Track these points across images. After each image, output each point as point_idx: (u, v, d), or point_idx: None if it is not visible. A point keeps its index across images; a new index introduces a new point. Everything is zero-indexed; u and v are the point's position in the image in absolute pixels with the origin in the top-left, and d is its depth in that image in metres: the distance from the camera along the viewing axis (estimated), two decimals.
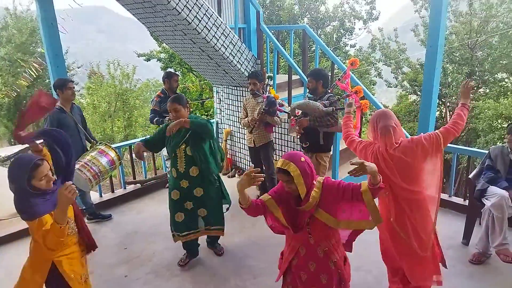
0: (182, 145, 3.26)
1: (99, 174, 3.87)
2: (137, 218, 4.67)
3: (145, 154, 3.57)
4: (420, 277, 2.55)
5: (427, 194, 2.48)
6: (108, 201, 5.00)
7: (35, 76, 13.46)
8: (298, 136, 4.15)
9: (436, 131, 2.50)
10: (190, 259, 3.68)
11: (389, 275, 2.85)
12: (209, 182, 3.42)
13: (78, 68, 19.94)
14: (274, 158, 4.90)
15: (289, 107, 4.62)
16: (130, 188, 5.33)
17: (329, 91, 4.03)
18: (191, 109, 3.55)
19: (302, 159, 2.07)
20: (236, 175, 5.91)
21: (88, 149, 4.16)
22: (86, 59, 23.57)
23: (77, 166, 3.47)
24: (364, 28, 16.96)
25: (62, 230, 1.97)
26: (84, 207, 4.43)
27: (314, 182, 2.12)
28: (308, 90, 4.18)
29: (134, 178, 5.56)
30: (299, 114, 4.08)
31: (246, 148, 5.62)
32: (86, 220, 4.16)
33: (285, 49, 6.33)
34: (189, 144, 3.26)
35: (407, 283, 2.68)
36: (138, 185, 5.40)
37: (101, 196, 5.06)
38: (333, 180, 2.16)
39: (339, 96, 4.06)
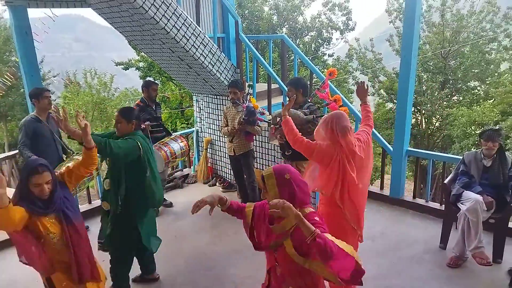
0: None
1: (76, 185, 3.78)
2: None
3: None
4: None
5: (361, 186, 2.74)
6: (85, 212, 4.86)
7: (9, 86, 13.08)
8: (279, 144, 4.17)
9: (365, 129, 2.91)
10: (142, 275, 3.51)
11: None
12: (116, 204, 3.13)
13: (54, 77, 19.51)
14: (255, 167, 4.90)
15: (270, 116, 4.65)
16: None
17: (309, 100, 4.08)
18: (139, 126, 3.30)
19: (287, 176, 1.85)
20: (217, 183, 5.88)
21: (65, 160, 4.06)
22: (63, 68, 23.10)
23: None
24: (341, 38, 17.38)
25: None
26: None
27: (297, 209, 1.75)
28: (288, 99, 4.21)
29: None
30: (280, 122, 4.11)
31: (226, 157, 5.60)
32: None
33: (264, 58, 6.38)
34: None
35: None
36: None
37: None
38: (317, 218, 1.79)
39: (318, 105, 4.12)
